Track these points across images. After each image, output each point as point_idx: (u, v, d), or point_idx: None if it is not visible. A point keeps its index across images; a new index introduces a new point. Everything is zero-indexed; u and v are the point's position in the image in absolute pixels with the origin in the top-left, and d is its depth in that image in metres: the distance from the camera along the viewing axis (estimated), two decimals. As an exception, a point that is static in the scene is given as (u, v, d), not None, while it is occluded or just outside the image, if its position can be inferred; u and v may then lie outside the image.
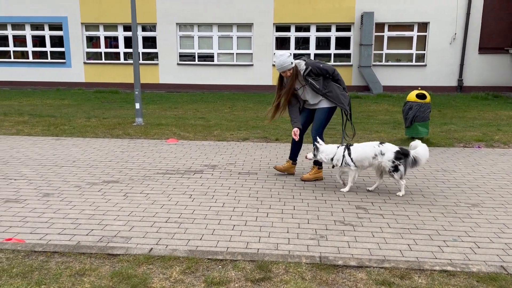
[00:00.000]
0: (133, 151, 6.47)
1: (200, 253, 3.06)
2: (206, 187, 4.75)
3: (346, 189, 4.68)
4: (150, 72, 17.40)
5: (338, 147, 4.69)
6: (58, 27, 17.65)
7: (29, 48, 18.09)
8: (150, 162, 5.79)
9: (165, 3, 16.73)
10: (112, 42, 17.74)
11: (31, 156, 6.04)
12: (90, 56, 17.85)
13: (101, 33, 17.58)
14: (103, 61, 17.71)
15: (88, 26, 17.54)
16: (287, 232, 3.58)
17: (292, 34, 16.81)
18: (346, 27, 16.60)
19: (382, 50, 16.55)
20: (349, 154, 4.58)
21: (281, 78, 5.07)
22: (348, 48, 16.71)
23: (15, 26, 17.81)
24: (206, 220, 3.81)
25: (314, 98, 5.03)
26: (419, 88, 7.14)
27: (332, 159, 4.64)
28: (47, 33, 17.84)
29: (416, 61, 16.52)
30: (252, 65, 16.93)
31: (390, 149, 4.49)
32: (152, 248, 3.11)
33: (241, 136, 7.77)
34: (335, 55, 16.85)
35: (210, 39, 17.14)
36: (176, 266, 2.87)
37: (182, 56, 17.41)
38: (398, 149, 4.52)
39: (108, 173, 5.26)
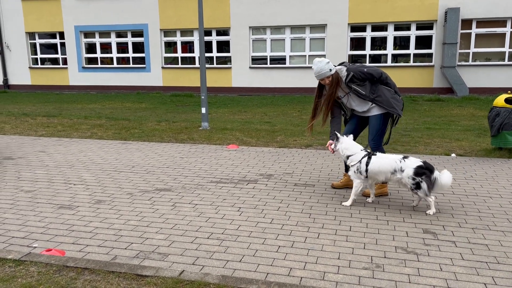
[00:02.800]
0: (192, 157, 6.39)
1: (233, 280, 2.77)
2: (257, 200, 4.47)
3: (348, 203, 4.27)
4: (223, 76, 17.61)
5: (361, 149, 4.30)
6: (139, 33, 18.55)
7: (114, 54, 19.22)
8: (206, 170, 5.65)
9: (239, 7, 16.81)
10: (191, 47, 18.23)
11: (95, 160, 6.21)
12: (168, 61, 18.51)
13: (178, 39, 18.14)
14: (180, 65, 18.26)
15: (166, 32, 18.20)
16: (338, 259, 3.17)
17: (368, 34, 15.99)
18: (427, 25, 15.41)
19: (469, 48, 15.10)
20: (367, 164, 4.16)
21: (320, 86, 4.69)
22: (430, 47, 15.50)
23: (102, 34, 19.04)
24: (250, 238, 3.52)
25: (362, 106, 4.60)
26: (509, 92, 6.22)
27: (348, 157, 4.28)
28: (129, 39, 18.83)
29: (508, 60, 14.84)
30: (325, 67, 16.37)
31: (410, 165, 4.02)
32: (183, 271, 2.89)
33: (304, 142, 7.38)
34: (415, 55, 15.72)
35: (282, 41, 16.90)
36: (204, 293, 2.62)
37: (254, 60, 17.38)
38: (421, 163, 4.02)
39: (163, 180, 5.19)
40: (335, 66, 4.55)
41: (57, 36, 19.45)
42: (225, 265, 3.04)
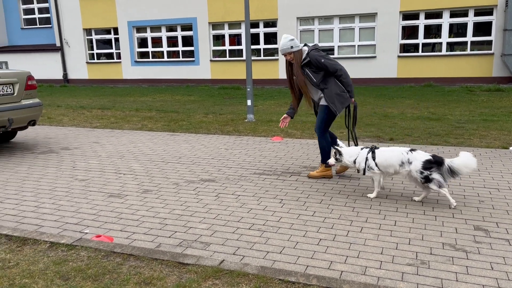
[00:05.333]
0: (237, 148, 6.45)
1: (272, 272, 2.78)
2: (300, 192, 4.44)
3: (373, 194, 4.24)
4: (270, 68, 17.58)
5: (362, 149, 4.31)
6: (188, 27, 18.90)
7: (164, 48, 19.73)
8: (250, 161, 5.68)
9: (286, -3, 16.67)
10: (239, 39, 18.33)
11: (144, 151, 6.43)
12: (217, 54, 18.74)
13: (226, 31, 18.29)
14: (227, 58, 18.43)
15: (214, 25, 18.41)
16: (381, 253, 3.08)
17: (421, 22, 15.31)
18: (487, 11, 14.51)
19: (534, 34, 14.05)
20: (373, 158, 4.16)
21: (289, 63, 4.83)
22: (489, 34, 14.59)
23: (153, 29, 19.58)
24: (291, 230, 3.50)
25: (315, 93, 4.80)
26: None
27: (355, 162, 4.28)
28: (179, 33, 19.23)
29: None
30: (375, 57, 15.91)
31: (418, 158, 3.95)
32: (223, 260, 2.93)
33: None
34: (472, 42, 14.88)
35: (330, 31, 16.58)
36: (243, 284, 2.64)
37: (302, 51, 17.18)
38: (429, 157, 3.93)
39: (208, 171, 5.28)
40: (302, 46, 4.70)
41: (112, 31, 20.24)
42: (265, 256, 3.05)
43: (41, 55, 21.40)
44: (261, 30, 17.59)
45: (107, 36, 20.41)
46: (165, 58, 19.66)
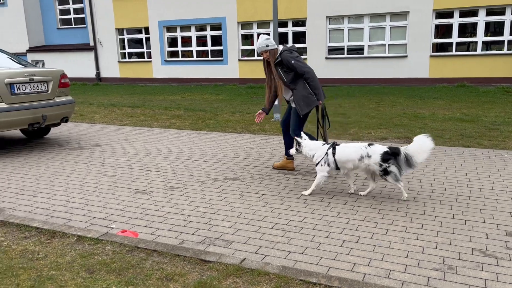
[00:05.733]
0: (262, 147, 6.45)
1: (293, 272, 2.76)
2: (324, 192, 4.39)
3: (308, 192, 4.33)
4: (299, 67, 17.48)
5: (323, 144, 4.39)
6: (217, 27, 19.04)
7: (194, 47, 19.95)
8: (275, 161, 5.66)
9: (316, -4, 16.55)
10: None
11: (171, 148, 6.51)
12: (245, 53, 18.80)
13: (254, 31, 18.32)
14: (255, 57, 18.45)
15: (243, 25, 18.48)
16: (406, 257, 3.01)
17: (456, 20, 14.87)
18: (526, 8, 13.94)
19: None
20: (333, 154, 4.22)
21: (267, 63, 4.98)
22: (528, 32, 14.02)
23: (183, 28, 19.84)
24: (315, 230, 3.47)
25: (286, 92, 4.97)
26: None
27: (313, 156, 4.35)
28: (208, 33, 19.40)
29: None
30: (406, 56, 15.58)
31: (377, 151, 4.04)
32: (245, 259, 2.93)
33: (379, 135, 7.10)
34: (510, 42, 14.33)
35: (360, 30, 16.34)
36: (263, 283, 2.63)
37: (331, 50, 17.02)
38: (386, 149, 4.04)
39: (232, 169, 5.30)
40: (278, 46, 4.87)
41: (143, 31, 20.62)
42: (287, 256, 3.03)
43: (75, 54, 22.05)
44: (290, 30, 17.53)
45: (138, 36, 20.81)
46: (194, 58, 19.87)
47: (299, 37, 17.54)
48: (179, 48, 20.09)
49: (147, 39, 20.62)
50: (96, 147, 6.75)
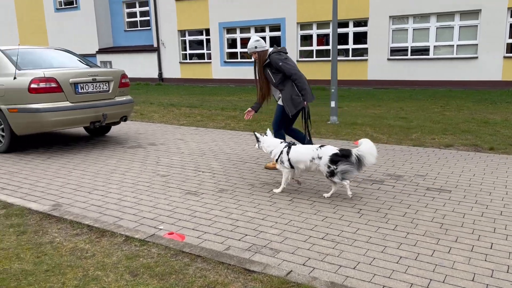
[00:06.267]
0: (317, 152, 6.23)
1: (342, 289, 2.56)
2: (381, 202, 4.11)
3: (279, 190, 4.45)
4: (359, 68, 16.97)
5: (281, 142, 4.52)
6: (277, 28, 18.96)
7: (252, 48, 20.00)
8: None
9: (379, -5, 15.95)
10: (328, 39, 17.98)
11: (224, 150, 6.48)
12: (304, 54, 18.56)
13: (314, 31, 18.03)
14: (314, 58, 18.16)
15: (302, 25, 18.25)
16: (472, 280, 2.70)
17: (535, 18, 13.66)
18: None
19: None
20: (288, 153, 4.33)
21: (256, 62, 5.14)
22: None
23: (243, 30, 19.97)
24: (368, 244, 3.23)
25: (275, 92, 5.15)
26: None
27: (271, 152, 4.50)
28: (267, 34, 19.38)
29: None
30: (476, 57, 14.56)
31: (327, 153, 4.13)
32: (291, 271, 2.77)
33: (444, 141, 6.62)
34: None
35: (426, 30, 15.52)
36: (309, 299, 2.46)
37: (393, 51, 16.33)
38: (337, 151, 4.12)
39: (285, 173, 5.14)
40: (268, 48, 4.98)
41: (204, 33, 21.03)
42: (337, 271, 2.83)
43: (140, 55, 22.96)
44: (351, 30, 17.05)
45: (199, 37, 21.25)
46: (253, 59, 19.90)
47: (360, 37, 17.01)
48: (238, 49, 20.24)
49: (208, 41, 20.99)
50: (152, 146, 6.89)
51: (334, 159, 4.07)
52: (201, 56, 21.40)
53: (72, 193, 4.55)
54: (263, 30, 19.41)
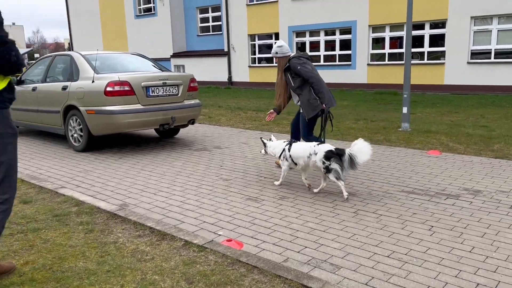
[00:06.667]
0: (385, 160, 5.92)
1: (408, 316, 2.33)
2: (456, 220, 3.76)
3: (278, 182, 4.90)
4: (435, 72, 16.04)
5: (284, 141, 4.86)
6: (347, 31, 18.53)
7: (321, 52, 19.73)
8: (398, 177, 5.12)
9: (459, -5, 14.96)
10: (401, 42, 17.23)
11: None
12: (376, 58, 17.95)
13: (387, 34, 17.36)
14: (386, 62, 17.48)
15: (374, 28, 17.65)
16: None
17: None
18: None
19: None
20: (289, 150, 4.68)
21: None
22: None
23: (312, 33, 19.76)
24: (440, 266, 2.95)
25: (294, 97, 5.25)
26: None
27: (276, 153, 4.86)
28: (337, 37, 19.00)
29: None
30: None
31: (322, 149, 4.39)
32: (351, 291, 2.59)
33: (532, 154, 5.98)
34: None
35: (512, 31, 14.28)
36: (370, 324, 2.27)
37: (474, 54, 15.22)
38: (332, 149, 4.37)
39: (349, 183, 4.93)
40: (290, 53, 5.13)
41: (273, 36, 21.10)
42: (403, 294, 2.60)
43: (211, 59, 23.58)
44: (427, 32, 16.18)
45: (268, 41, 21.36)
46: (321, 62, 19.64)
47: (437, 39, 16.07)
48: (308, 52, 20.05)
49: (276, 44, 21.01)
50: (217, 149, 6.96)
51: (329, 155, 4.31)
52: (269, 60, 21.48)
53: (139, 193, 4.69)
54: (333, 33, 19.07)
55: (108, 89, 6.36)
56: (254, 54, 21.96)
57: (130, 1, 26.76)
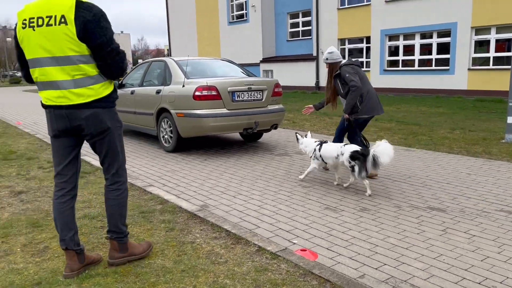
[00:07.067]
0: (483, 175, 5.38)
1: None
2: None
3: (302, 176, 5.25)
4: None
5: (315, 141, 5.11)
6: (446, 33, 17.35)
7: (416, 56, 18.70)
8: (498, 194, 4.61)
9: None
10: (509, 45, 15.71)
11: (373, 165, 6.08)
12: (478, 62, 16.56)
13: (492, 36, 15.93)
14: (490, 66, 16.03)
15: (478, 30, 16.30)
16: None
17: None
18: None
19: None
20: (319, 150, 4.96)
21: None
22: None
23: (406, 36, 18.82)
24: (543, 301, 2.57)
25: (343, 102, 5.33)
26: None
27: (307, 151, 5.16)
28: (434, 40, 17.90)
29: None
30: None
31: (349, 150, 4.64)
32: (432, 318, 2.36)
33: None
34: None
35: None
36: None
37: None
38: (357, 149, 4.61)
39: (439, 197, 4.55)
40: (341, 60, 5.35)
41: (364, 40, 20.49)
42: (495, 328, 2.31)
43: (299, 64, 23.59)
44: (541, 33, 14.51)
45: (359, 45, 20.79)
46: (416, 67, 18.62)
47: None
48: (400, 57, 19.17)
49: (367, 48, 20.38)
50: (298, 155, 6.89)
51: (354, 156, 4.57)
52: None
53: (219, 195, 4.80)
54: (430, 36, 17.97)
55: (197, 93, 6.62)
56: (345, 58, 21.46)
57: (224, 9, 27.84)
